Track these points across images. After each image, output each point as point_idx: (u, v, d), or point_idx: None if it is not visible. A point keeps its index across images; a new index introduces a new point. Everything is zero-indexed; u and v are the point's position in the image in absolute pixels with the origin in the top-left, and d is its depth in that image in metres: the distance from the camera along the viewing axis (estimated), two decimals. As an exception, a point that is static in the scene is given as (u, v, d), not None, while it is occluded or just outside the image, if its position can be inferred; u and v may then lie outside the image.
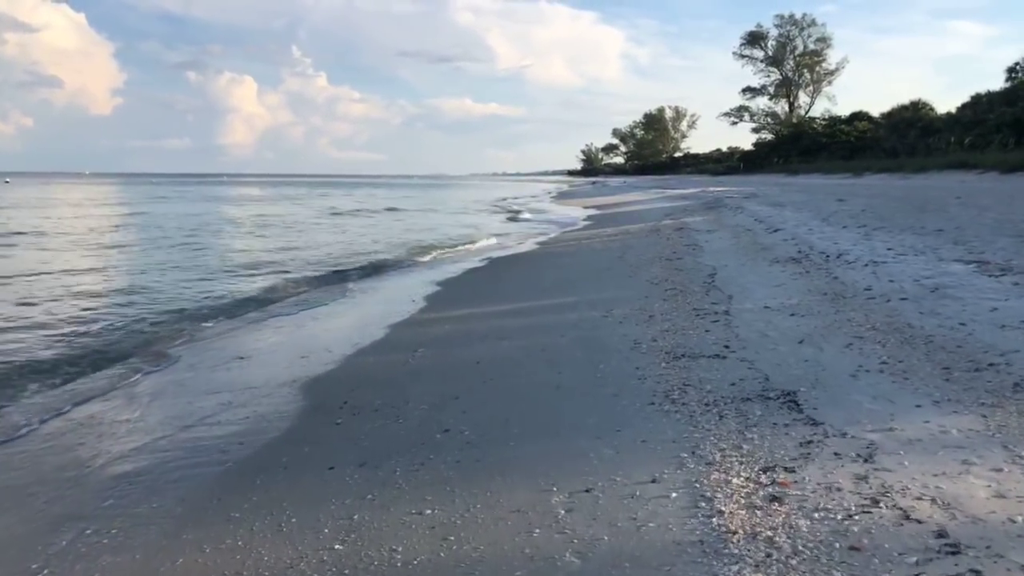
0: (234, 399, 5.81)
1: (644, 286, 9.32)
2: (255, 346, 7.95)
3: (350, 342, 7.66)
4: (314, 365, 6.78)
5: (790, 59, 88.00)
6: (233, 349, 7.74)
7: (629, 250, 13.76)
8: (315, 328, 8.96)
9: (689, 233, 16.21)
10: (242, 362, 7.16)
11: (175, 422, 5.32)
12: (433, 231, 25.00)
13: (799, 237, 12.77)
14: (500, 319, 8.10)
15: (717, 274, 9.68)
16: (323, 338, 8.09)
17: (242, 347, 7.85)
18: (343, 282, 12.46)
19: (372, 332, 8.12)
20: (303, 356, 7.15)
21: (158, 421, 5.36)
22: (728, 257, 11.41)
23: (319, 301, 10.69)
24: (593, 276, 10.85)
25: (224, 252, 18.07)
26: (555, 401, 4.96)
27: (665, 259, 11.78)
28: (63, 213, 34.68)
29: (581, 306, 8.32)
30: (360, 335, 7.99)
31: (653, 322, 7.02)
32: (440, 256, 16.56)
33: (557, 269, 12.56)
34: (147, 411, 5.66)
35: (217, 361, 7.20)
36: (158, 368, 6.95)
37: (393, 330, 8.16)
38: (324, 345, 7.58)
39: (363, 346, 7.49)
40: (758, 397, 4.58)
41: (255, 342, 8.18)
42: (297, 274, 13.53)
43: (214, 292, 11.48)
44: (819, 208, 19.38)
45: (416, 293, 10.78)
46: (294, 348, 7.68)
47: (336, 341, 7.76)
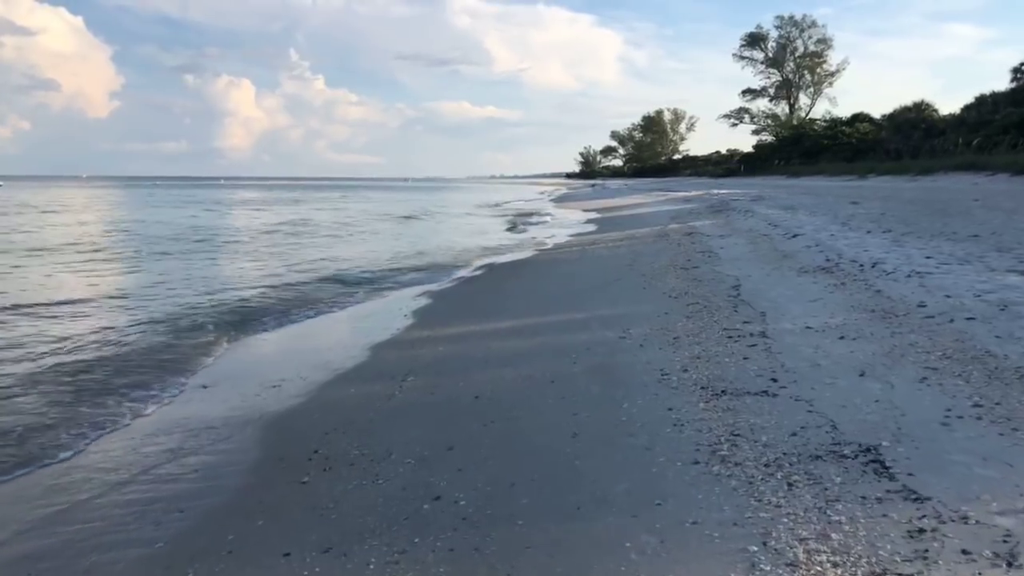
0: (184, 444, 4.84)
1: (662, 299, 8.37)
2: (223, 370, 6.98)
3: (330, 366, 6.70)
4: (286, 396, 5.82)
5: (790, 61, 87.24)
6: (201, 375, 6.76)
7: (639, 257, 12.81)
8: (294, 347, 8.00)
9: (700, 238, 15.27)
10: (204, 392, 6.19)
11: (107, 477, 4.35)
12: (432, 235, 24.04)
13: (823, 243, 11.83)
14: (501, 339, 7.14)
15: (741, 286, 8.73)
16: (300, 360, 7.11)
17: (210, 372, 6.87)
18: (330, 293, 11.47)
19: (355, 353, 7.16)
20: (275, 385, 6.17)
21: (85, 477, 4.39)
22: (749, 266, 10.46)
23: (304, 315, 9.72)
24: (603, 287, 9.89)
25: (221, 262, 17.09)
26: (572, 455, 4.00)
27: (680, 268, 10.83)
28: (59, 220, 33.66)
29: (593, 324, 7.37)
30: (342, 357, 7.03)
31: (679, 345, 6.06)
32: (432, 263, 15.59)
33: (562, 278, 11.59)
34: (77, 460, 4.70)
35: (175, 391, 6.22)
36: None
37: (379, 351, 7.19)
38: (300, 370, 6.61)
39: (344, 371, 6.53)
40: (830, 454, 3.63)
41: (225, 364, 7.21)
42: (287, 284, 12.56)
43: (201, 305, 10.46)
44: (834, 211, 18.46)
45: (407, 306, 9.81)
46: (267, 373, 6.70)
47: (314, 365, 6.79)
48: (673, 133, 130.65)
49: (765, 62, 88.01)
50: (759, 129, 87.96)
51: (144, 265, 15.78)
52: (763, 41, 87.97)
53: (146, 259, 16.95)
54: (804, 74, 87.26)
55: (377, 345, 7.49)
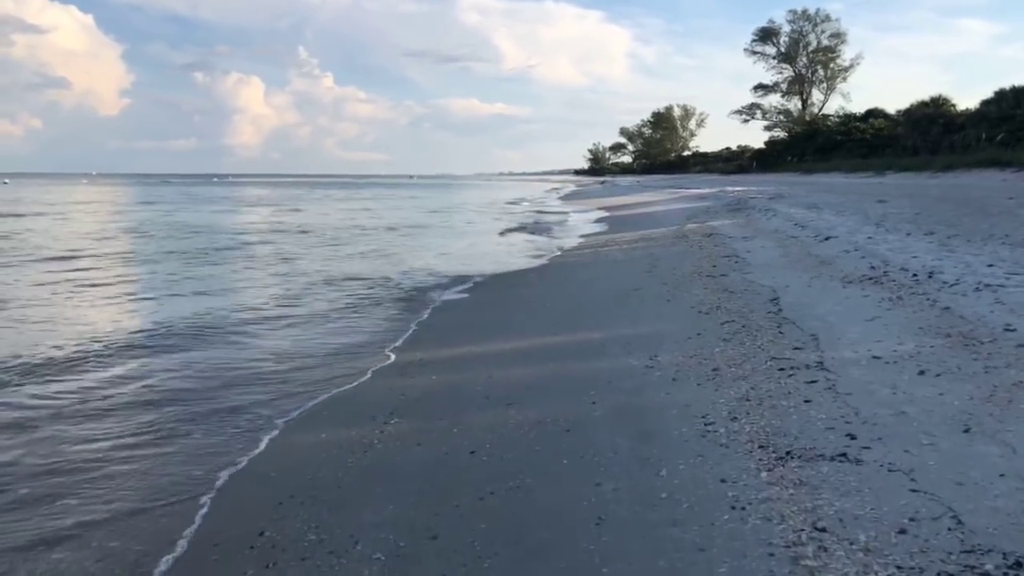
0: (96, 516, 3.81)
1: (690, 315, 7.29)
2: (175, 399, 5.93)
3: (302, 397, 5.66)
4: (239, 443, 4.78)
5: (803, 55, 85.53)
6: (146, 414, 5.71)
7: (658, 262, 11.72)
8: (263, 371, 6.96)
9: (723, 240, 14.16)
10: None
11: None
12: (435, 240, 23.00)
13: (862, 247, 10.72)
14: (505, 366, 6.08)
15: (780, 299, 7.64)
16: (267, 390, 6.06)
17: (158, 406, 5.83)
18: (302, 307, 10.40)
19: (336, 379, 6.12)
20: (235, 428, 5.14)
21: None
22: (784, 274, 9.36)
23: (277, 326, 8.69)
24: (621, 298, 8.80)
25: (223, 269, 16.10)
26: (596, 558, 2.93)
27: (706, 275, 9.74)
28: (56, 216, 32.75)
29: (612, 346, 6.30)
30: (319, 383, 5.99)
31: (721, 380, 4.99)
32: (432, 270, 14.52)
33: (575, 287, 10.51)
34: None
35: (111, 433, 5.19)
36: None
37: (363, 378, 6.14)
38: (267, 402, 5.57)
39: (318, 404, 5.49)
40: (967, 571, 2.55)
41: (180, 387, 6.18)
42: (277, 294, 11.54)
43: (176, 316, 9.45)
44: (863, 210, 17.30)
45: (396, 322, 8.74)
46: (229, 399, 5.66)
47: (287, 394, 5.75)
48: (683, 129, 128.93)
49: (777, 57, 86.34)
50: (771, 125, 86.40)
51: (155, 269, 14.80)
52: (775, 36, 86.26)
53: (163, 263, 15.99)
54: (817, 69, 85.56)
55: (361, 370, 6.44)
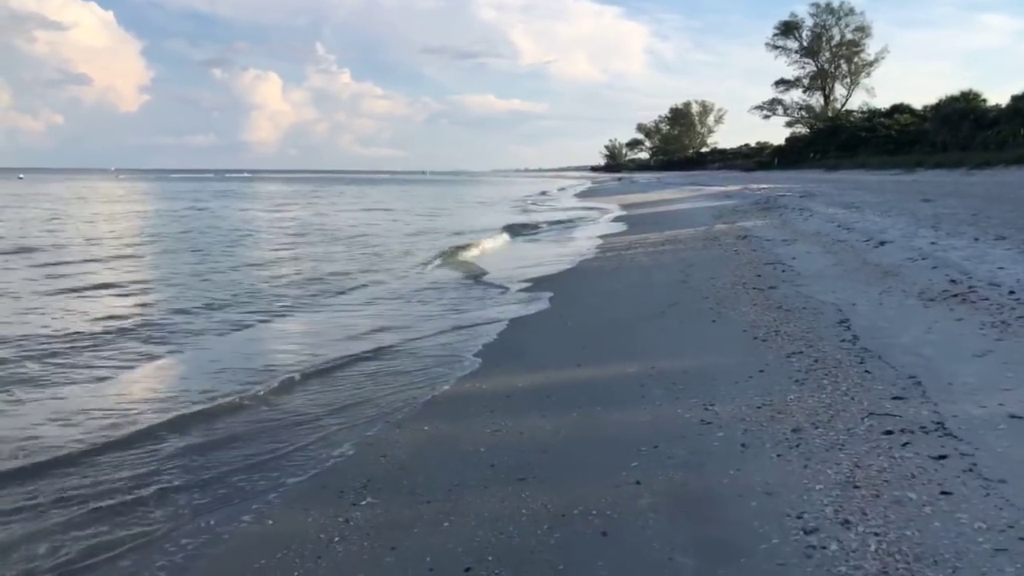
0: None
1: (743, 342, 5.97)
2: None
3: (259, 458, 4.40)
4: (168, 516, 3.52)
5: (826, 50, 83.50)
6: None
7: (691, 269, 10.38)
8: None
9: (760, 243, 12.79)
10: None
11: None
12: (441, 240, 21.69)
13: (929, 254, 9.33)
14: (514, 414, 4.77)
15: (851, 321, 6.30)
16: (220, 456, 4.80)
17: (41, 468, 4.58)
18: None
19: (305, 428, 4.87)
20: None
21: None
22: (843, 286, 8.01)
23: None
24: (655, 316, 7.48)
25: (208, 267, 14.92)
26: None
27: (752, 287, 8.40)
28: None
29: (652, 387, 4.99)
30: (276, 440, 4.73)
31: (808, 449, 3.68)
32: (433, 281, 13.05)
33: (599, 300, 9.17)
34: None
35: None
36: None
37: (326, 431, 4.87)
38: (200, 471, 4.30)
39: (271, 482, 4.21)
40: None
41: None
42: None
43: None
44: (910, 210, 15.86)
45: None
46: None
47: (226, 458, 4.48)
48: (701, 126, 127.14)
49: (799, 51, 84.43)
50: (793, 121, 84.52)
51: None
52: (797, 29, 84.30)
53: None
54: (840, 64, 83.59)
55: (335, 409, 5.19)
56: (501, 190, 69.56)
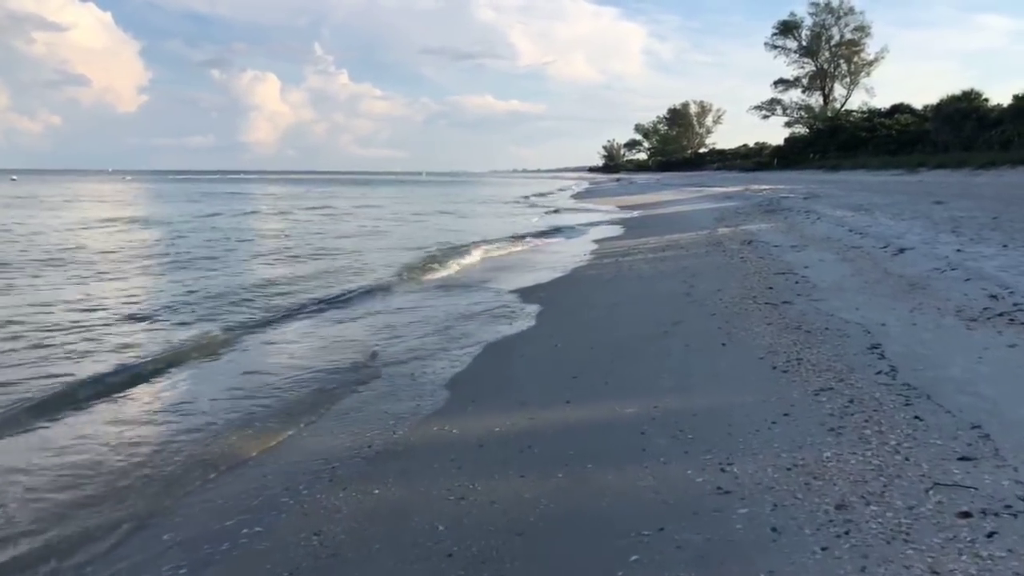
0: None
1: (761, 373, 5.09)
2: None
3: (172, 517, 3.53)
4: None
5: (825, 49, 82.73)
6: None
7: (695, 279, 9.49)
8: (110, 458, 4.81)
9: (767, 249, 11.92)
10: None
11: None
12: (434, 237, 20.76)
13: (958, 264, 8.46)
14: (485, 473, 3.87)
15: (883, 347, 5.43)
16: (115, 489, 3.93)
17: None
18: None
19: (204, 488, 3.99)
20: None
21: None
22: (867, 301, 7.14)
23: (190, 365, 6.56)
24: (656, 338, 6.59)
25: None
26: None
27: (764, 301, 7.52)
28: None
29: (656, 436, 4.11)
30: (171, 494, 3.86)
31: (862, 537, 2.80)
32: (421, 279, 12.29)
33: (593, 318, 8.25)
34: None
35: None
36: None
37: (271, 492, 3.98)
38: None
39: (156, 552, 3.34)
40: None
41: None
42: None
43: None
44: (924, 213, 14.99)
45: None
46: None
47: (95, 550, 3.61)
48: (699, 126, 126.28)
49: (799, 51, 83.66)
50: (792, 121, 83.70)
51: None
52: (796, 29, 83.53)
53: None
54: (840, 63, 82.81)
55: (272, 452, 4.30)
56: (497, 191, 68.58)
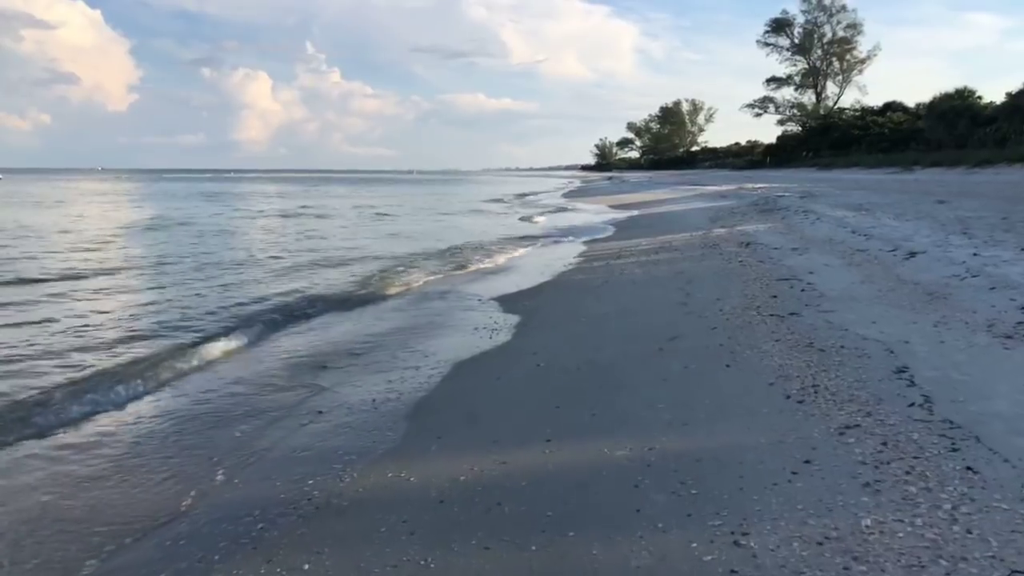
0: None
1: (774, 403, 4.37)
2: None
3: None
4: None
5: (818, 47, 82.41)
6: None
7: (691, 286, 8.77)
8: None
9: (766, 252, 11.22)
10: None
11: None
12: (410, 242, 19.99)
13: (977, 269, 7.78)
14: (438, 542, 3.11)
15: (912, 371, 4.72)
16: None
17: None
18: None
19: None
20: None
21: None
22: (882, 314, 6.43)
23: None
24: (651, 355, 5.85)
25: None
26: None
27: (768, 313, 6.80)
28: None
29: (651, 490, 3.39)
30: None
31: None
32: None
33: (581, 328, 7.49)
34: None
35: None
36: None
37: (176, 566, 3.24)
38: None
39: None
40: None
41: None
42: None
43: None
44: (926, 213, 14.33)
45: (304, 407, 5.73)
46: None
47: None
48: (691, 124, 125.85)
49: (791, 49, 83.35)
50: (785, 119, 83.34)
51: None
52: (789, 27, 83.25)
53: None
54: (832, 61, 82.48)
55: (199, 504, 3.56)
56: (486, 189, 67.73)
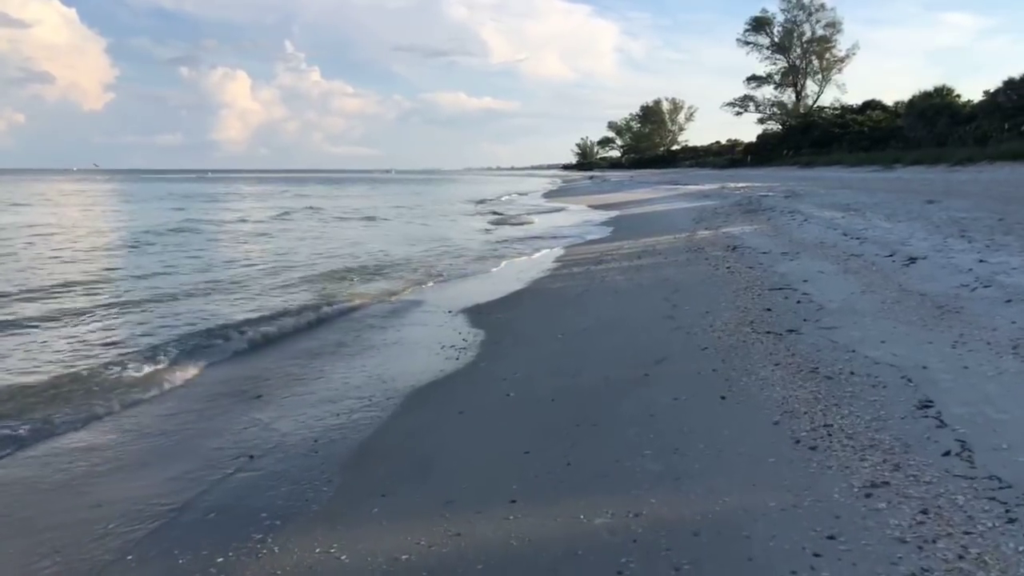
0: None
1: (781, 450, 3.68)
2: None
3: None
4: None
5: (797, 46, 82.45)
6: None
7: (678, 296, 8.09)
8: None
9: (754, 257, 10.57)
10: None
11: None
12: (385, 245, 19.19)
13: (987, 278, 7.16)
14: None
15: (938, 406, 4.05)
16: None
17: None
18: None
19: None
20: None
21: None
22: (891, 331, 5.77)
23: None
24: (635, 382, 5.14)
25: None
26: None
27: (764, 330, 6.11)
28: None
29: (639, 574, 2.68)
30: None
31: None
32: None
33: (556, 346, 6.71)
34: None
35: None
36: None
37: None
38: None
39: None
40: None
41: None
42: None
43: None
44: (918, 214, 13.79)
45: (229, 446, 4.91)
46: None
47: None
48: (672, 123, 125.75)
49: (771, 47, 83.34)
50: (765, 118, 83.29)
51: None
52: (768, 25, 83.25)
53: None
54: (812, 60, 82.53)
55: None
56: (465, 189, 66.83)
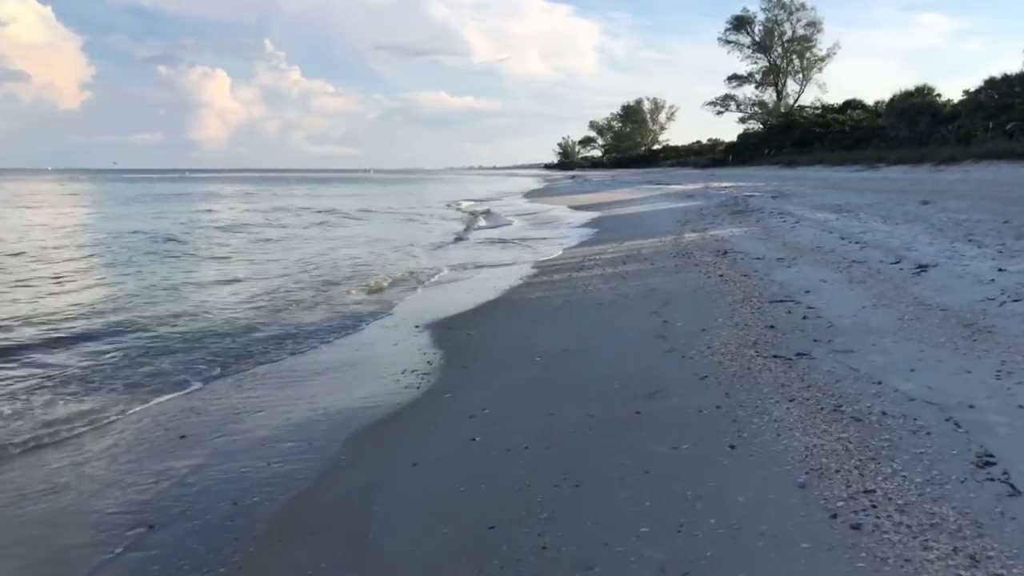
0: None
1: (816, 531, 2.85)
2: None
3: None
4: None
5: (778, 45, 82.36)
6: None
7: (669, 308, 7.26)
8: None
9: (747, 263, 9.78)
10: None
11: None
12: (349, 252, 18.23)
13: (1015, 291, 6.40)
14: None
15: (1001, 463, 3.26)
16: None
17: None
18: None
19: None
20: None
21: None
22: (918, 356, 4.98)
23: None
24: (624, 423, 4.28)
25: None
26: None
27: (771, 354, 5.29)
28: None
29: None
30: None
31: None
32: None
33: (531, 373, 5.79)
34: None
35: None
36: None
37: None
38: None
39: None
40: None
41: None
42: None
43: None
44: (914, 215, 13.09)
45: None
46: None
47: None
48: (653, 123, 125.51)
49: (751, 46, 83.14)
50: (746, 117, 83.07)
51: None
52: (749, 24, 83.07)
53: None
54: (792, 59, 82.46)
55: None
56: (445, 189, 65.79)
